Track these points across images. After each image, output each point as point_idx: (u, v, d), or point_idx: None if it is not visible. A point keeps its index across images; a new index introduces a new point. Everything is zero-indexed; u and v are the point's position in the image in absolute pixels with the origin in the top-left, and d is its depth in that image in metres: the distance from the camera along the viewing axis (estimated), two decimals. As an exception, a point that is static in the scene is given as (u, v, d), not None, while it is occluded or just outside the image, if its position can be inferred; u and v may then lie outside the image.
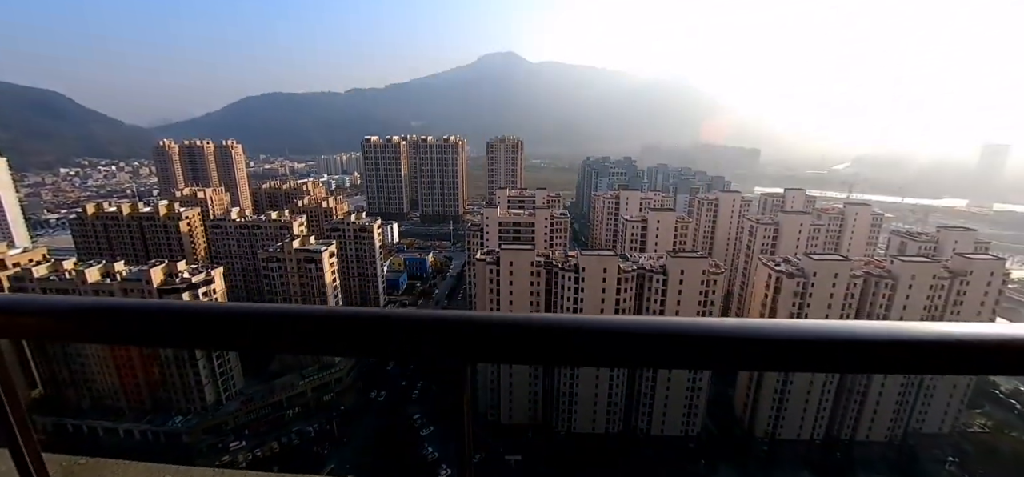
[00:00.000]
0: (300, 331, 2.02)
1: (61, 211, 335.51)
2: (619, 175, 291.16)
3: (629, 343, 1.63)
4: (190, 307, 2.09)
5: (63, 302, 2.18)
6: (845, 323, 1.56)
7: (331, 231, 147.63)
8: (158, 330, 2.11)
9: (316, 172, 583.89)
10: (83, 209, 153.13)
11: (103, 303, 2.14)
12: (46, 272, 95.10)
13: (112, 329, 2.15)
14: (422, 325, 1.93)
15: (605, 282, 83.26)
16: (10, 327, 2.18)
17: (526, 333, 1.81)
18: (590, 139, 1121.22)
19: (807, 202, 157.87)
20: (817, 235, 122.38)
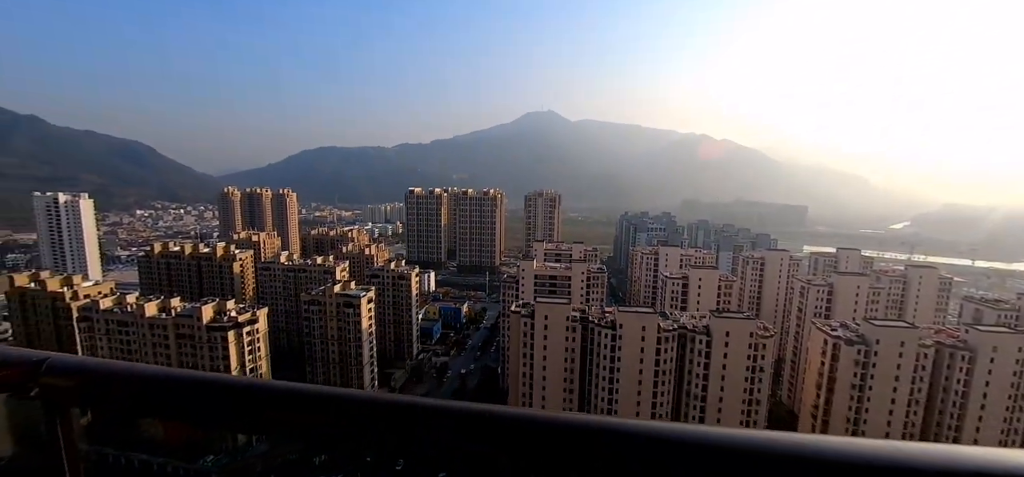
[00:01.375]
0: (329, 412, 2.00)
1: (132, 248, 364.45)
2: (658, 230, 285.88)
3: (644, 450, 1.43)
4: (198, 379, 2.14)
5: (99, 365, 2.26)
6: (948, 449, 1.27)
7: (371, 277, 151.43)
8: (176, 403, 2.17)
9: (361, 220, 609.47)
10: (151, 247, 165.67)
11: (147, 371, 2.20)
12: (111, 304, 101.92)
13: (147, 398, 2.22)
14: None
15: (644, 341, 79.65)
16: None
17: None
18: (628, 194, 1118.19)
19: (863, 263, 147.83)
20: (877, 299, 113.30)
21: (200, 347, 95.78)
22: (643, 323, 79.98)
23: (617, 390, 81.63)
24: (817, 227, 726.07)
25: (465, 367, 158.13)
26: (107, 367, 2.33)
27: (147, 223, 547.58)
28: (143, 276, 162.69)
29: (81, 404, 2.32)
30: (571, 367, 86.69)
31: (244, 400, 2.12)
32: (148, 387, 2.22)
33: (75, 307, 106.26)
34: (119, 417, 2.41)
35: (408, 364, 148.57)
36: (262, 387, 2.26)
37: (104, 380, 2.26)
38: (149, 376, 2.24)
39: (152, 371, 2.30)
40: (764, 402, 79.73)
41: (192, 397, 2.12)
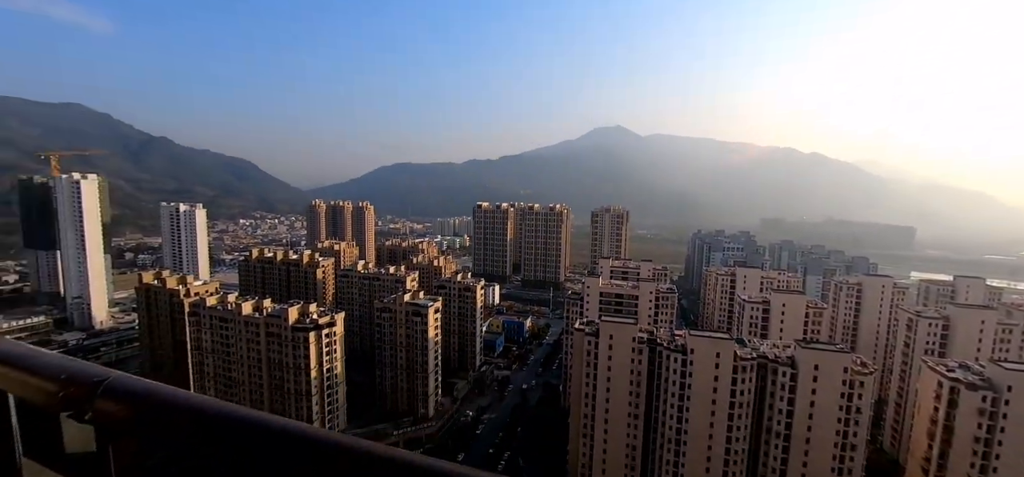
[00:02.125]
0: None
1: (235, 253, 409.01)
2: (735, 251, 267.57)
3: None
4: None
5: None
6: None
7: (439, 288, 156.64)
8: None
9: (431, 233, 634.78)
10: (249, 253, 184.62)
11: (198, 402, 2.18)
12: (215, 302, 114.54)
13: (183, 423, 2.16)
14: None
15: (718, 369, 74.10)
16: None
17: None
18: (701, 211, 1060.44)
19: (989, 294, 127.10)
20: (1007, 338, 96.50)
21: (285, 345, 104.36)
22: (717, 349, 74.55)
23: (687, 420, 76.51)
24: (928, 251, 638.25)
25: (527, 382, 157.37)
26: (167, 396, 2.22)
27: (247, 231, 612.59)
28: (242, 278, 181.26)
29: (134, 433, 2.21)
30: (637, 391, 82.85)
31: (305, 450, 2.05)
32: (205, 422, 2.11)
33: (187, 303, 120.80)
34: (173, 453, 2.22)
35: (470, 375, 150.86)
36: (324, 440, 2.17)
37: (161, 410, 2.13)
38: (209, 412, 2.13)
39: (213, 406, 2.18)
40: (861, 448, 70.49)
41: (250, 441, 2.06)
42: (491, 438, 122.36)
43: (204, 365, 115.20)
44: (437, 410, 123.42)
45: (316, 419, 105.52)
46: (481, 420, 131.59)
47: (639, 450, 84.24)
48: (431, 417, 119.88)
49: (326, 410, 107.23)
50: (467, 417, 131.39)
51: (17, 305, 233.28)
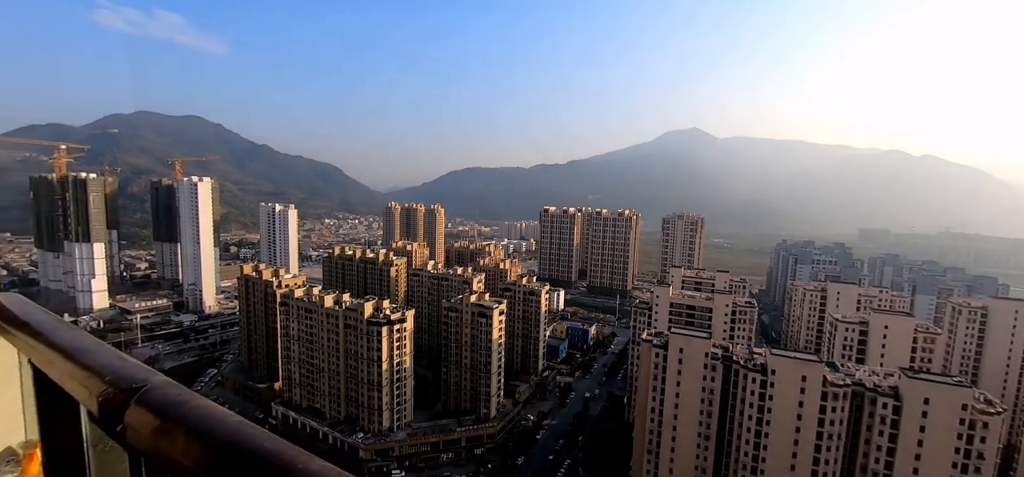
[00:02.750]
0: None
1: (319, 250, 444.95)
2: (826, 264, 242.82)
3: None
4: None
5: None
6: None
7: (504, 291, 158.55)
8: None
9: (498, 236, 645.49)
10: (332, 250, 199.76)
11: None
12: (302, 294, 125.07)
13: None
14: None
15: (804, 394, 67.32)
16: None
17: None
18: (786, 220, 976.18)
19: None
20: None
21: (360, 337, 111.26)
22: (804, 372, 67.76)
23: (766, 447, 70.33)
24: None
25: (590, 391, 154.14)
26: (202, 413, 2.03)
27: (331, 230, 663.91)
28: (325, 273, 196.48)
29: (158, 454, 2.01)
30: (709, 411, 77.73)
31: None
32: (230, 446, 1.92)
33: (279, 293, 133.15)
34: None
35: (533, 379, 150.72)
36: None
37: (190, 426, 1.96)
38: (238, 437, 1.94)
39: (243, 432, 1.98)
40: (984, 500, 60.31)
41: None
42: (552, 445, 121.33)
43: (291, 350, 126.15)
44: (498, 411, 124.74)
45: (385, 409, 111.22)
46: (542, 425, 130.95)
47: (709, 473, 78.94)
48: (492, 417, 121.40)
49: (395, 401, 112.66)
50: (528, 421, 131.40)
51: (146, 288, 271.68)
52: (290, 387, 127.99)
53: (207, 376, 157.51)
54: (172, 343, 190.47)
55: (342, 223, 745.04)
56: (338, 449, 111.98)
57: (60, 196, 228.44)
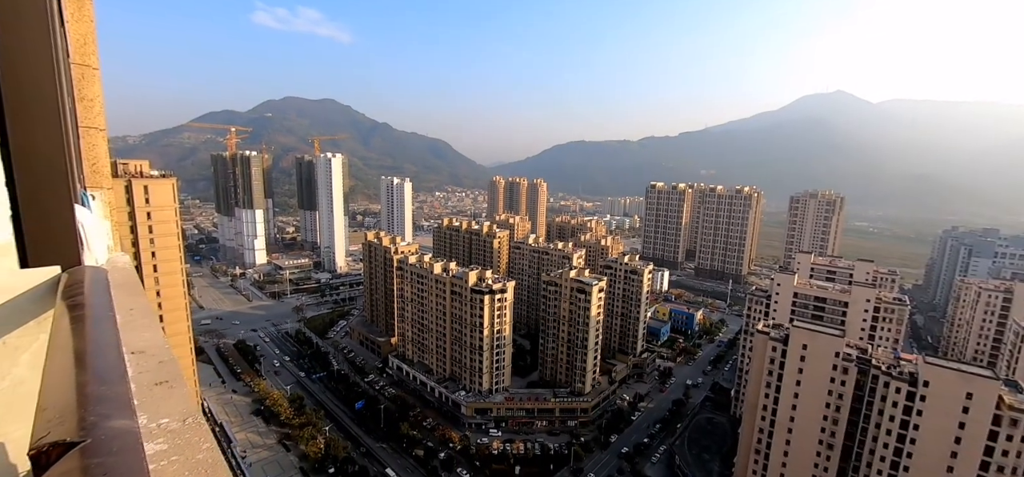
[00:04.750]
0: None
1: (430, 220, 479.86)
2: (1017, 258, 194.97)
3: None
4: None
5: None
6: None
7: (605, 268, 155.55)
8: None
9: (601, 211, 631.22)
10: (441, 221, 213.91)
11: None
12: (415, 261, 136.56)
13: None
14: None
15: (966, 414, 55.75)
16: None
17: None
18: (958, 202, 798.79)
19: None
20: None
21: (465, 303, 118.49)
22: (970, 388, 55.95)
23: (907, 469, 60.18)
24: None
25: (692, 378, 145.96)
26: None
27: (441, 202, 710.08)
28: (435, 241, 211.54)
29: None
30: (835, 417, 68.63)
31: None
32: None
33: (395, 259, 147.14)
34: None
35: (630, 360, 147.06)
36: None
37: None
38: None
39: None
40: None
41: None
42: (646, 428, 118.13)
43: (405, 311, 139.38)
44: (593, 387, 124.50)
45: (485, 372, 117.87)
46: (638, 407, 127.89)
47: (834, 473, 70.28)
48: (587, 393, 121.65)
49: (494, 365, 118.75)
50: (623, 401, 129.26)
51: (293, 249, 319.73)
52: (404, 343, 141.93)
53: (338, 326, 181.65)
54: (312, 296, 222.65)
55: (450, 196, 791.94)
56: (443, 403, 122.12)
57: (231, 170, 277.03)
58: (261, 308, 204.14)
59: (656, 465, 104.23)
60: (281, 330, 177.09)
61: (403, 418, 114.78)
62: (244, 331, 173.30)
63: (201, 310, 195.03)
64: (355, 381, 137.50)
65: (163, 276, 78.15)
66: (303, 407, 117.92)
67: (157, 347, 2.27)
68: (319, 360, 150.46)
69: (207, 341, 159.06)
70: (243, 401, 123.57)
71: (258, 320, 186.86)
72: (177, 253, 79.88)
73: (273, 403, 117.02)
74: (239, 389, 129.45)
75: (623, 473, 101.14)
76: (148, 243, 76.68)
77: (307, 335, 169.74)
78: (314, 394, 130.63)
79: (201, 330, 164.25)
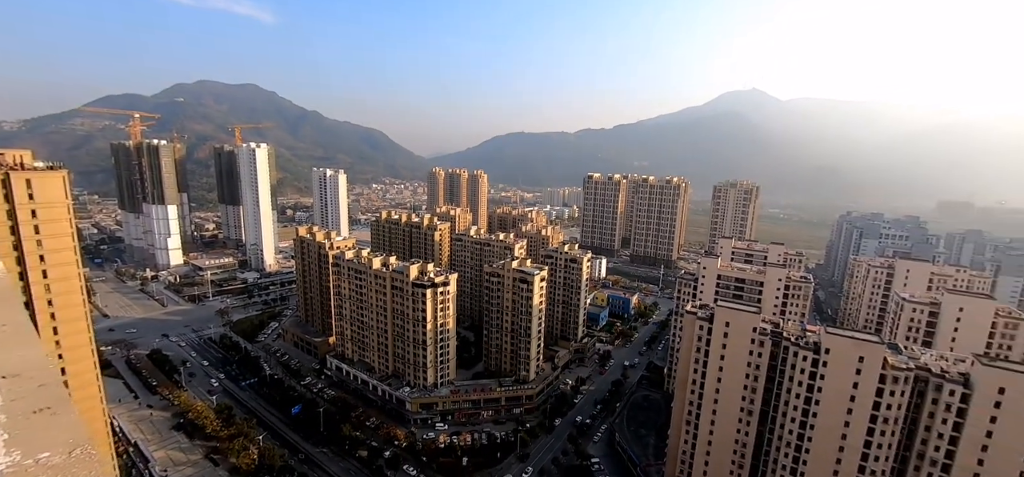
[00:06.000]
0: None
1: (367, 214, 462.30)
2: (897, 238, 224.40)
3: None
4: None
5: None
6: None
7: (545, 257, 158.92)
8: None
9: (541, 202, 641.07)
10: (379, 215, 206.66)
11: None
12: (352, 256, 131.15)
13: None
14: None
15: (859, 375, 63.77)
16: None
17: None
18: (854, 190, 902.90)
19: None
20: None
21: (406, 298, 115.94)
22: (861, 352, 63.97)
23: (812, 427, 67.83)
24: None
25: (629, 359, 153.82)
26: None
27: (379, 194, 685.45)
28: (373, 236, 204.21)
29: None
30: (753, 387, 75.56)
31: None
32: None
33: (331, 255, 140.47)
34: None
35: (572, 345, 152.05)
36: None
37: None
38: None
39: None
40: (1062, 499, 55.57)
41: None
42: (588, 409, 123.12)
43: (342, 308, 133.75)
44: (537, 374, 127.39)
45: (430, 366, 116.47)
46: (580, 390, 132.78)
47: (750, 448, 77.53)
48: (531, 380, 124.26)
49: (438, 359, 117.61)
50: (566, 385, 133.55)
51: (214, 247, 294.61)
52: (343, 342, 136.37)
53: (269, 329, 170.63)
54: (238, 298, 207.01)
55: (388, 188, 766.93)
56: (387, 400, 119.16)
57: (137, 161, 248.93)
58: (178, 313, 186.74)
59: (598, 443, 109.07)
60: (203, 336, 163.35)
61: (344, 420, 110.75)
62: (159, 340, 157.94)
63: (105, 319, 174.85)
64: (290, 385, 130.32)
65: (55, 283, 68.78)
66: (232, 417, 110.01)
67: (36, 368, 1.88)
68: (249, 366, 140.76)
69: (115, 353, 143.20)
70: (162, 416, 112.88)
71: (175, 326, 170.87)
72: (72, 256, 70.56)
73: (197, 415, 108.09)
74: (156, 404, 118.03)
75: (567, 454, 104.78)
76: (34, 246, 67.03)
77: (234, 340, 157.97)
78: (244, 402, 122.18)
79: (106, 341, 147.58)
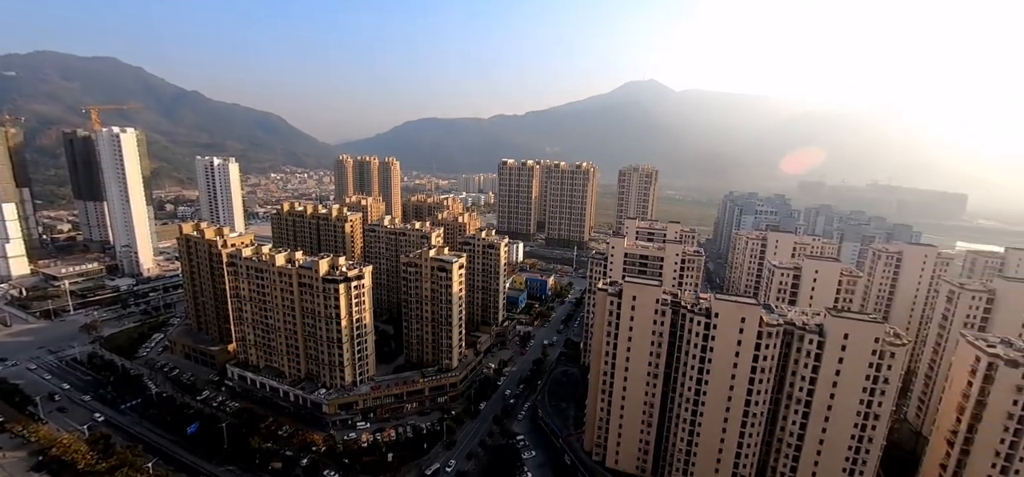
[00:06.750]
0: None
1: (267, 206, 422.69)
2: (768, 214, 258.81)
3: None
4: None
5: None
6: None
7: (463, 244, 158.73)
8: None
9: (456, 189, 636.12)
10: (281, 206, 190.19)
11: None
12: (250, 253, 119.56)
13: None
14: None
15: (742, 334, 73.38)
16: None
17: None
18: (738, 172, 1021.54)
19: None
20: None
21: (317, 295, 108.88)
22: (743, 314, 73.55)
23: (706, 382, 76.88)
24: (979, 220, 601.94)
25: (548, 338, 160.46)
26: None
27: (279, 185, 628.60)
28: (275, 230, 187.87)
29: None
30: (658, 352, 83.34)
31: None
32: None
33: (225, 254, 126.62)
34: None
35: (493, 329, 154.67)
36: None
37: None
38: None
39: None
40: (885, 418, 69.49)
41: None
42: (512, 390, 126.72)
43: (243, 311, 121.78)
44: (460, 361, 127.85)
45: (347, 365, 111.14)
46: (503, 372, 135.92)
47: (656, 408, 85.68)
48: (455, 367, 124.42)
49: (356, 357, 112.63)
50: (489, 369, 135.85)
51: (72, 252, 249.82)
52: (245, 348, 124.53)
53: (152, 341, 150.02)
54: (109, 309, 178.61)
55: (290, 177, 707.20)
56: (301, 405, 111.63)
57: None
58: (28, 333, 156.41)
59: (522, 421, 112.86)
60: (64, 357, 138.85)
61: (253, 432, 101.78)
62: (1, 367, 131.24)
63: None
64: (185, 402, 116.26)
65: None
66: (111, 447, 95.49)
67: None
68: (128, 386, 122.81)
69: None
70: (16, 457, 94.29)
71: (24, 349, 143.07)
72: None
73: (64, 450, 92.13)
74: (6, 443, 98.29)
75: (493, 435, 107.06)
76: None
77: (106, 358, 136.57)
78: (126, 428, 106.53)
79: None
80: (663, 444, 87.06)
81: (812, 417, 73.43)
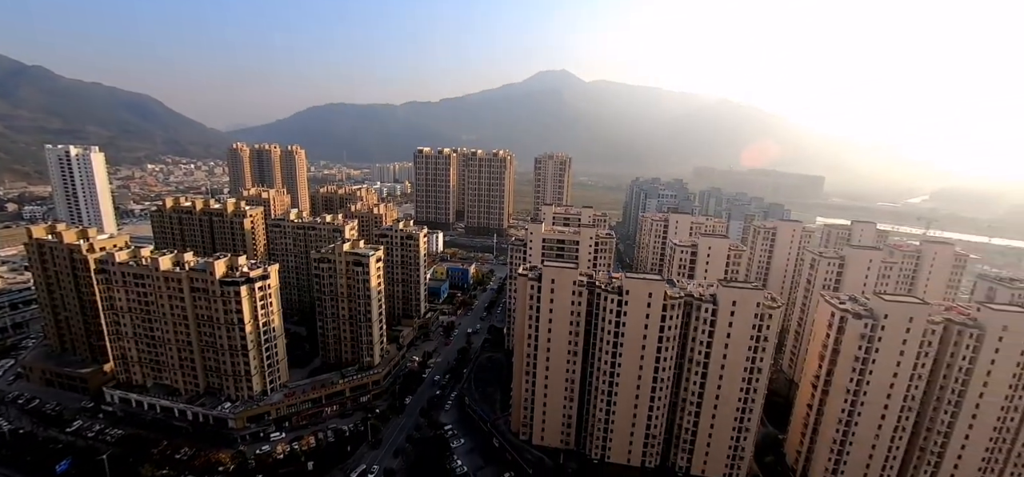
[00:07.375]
0: None
1: (145, 203, 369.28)
2: (669, 197, 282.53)
3: None
4: None
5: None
6: None
7: (380, 237, 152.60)
8: None
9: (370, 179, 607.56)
10: (163, 202, 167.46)
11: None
12: (126, 257, 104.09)
13: None
14: None
15: (650, 307, 79.98)
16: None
17: None
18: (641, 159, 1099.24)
19: (878, 236, 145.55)
20: (888, 274, 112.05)
21: (214, 300, 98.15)
22: (650, 290, 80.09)
23: (620, 354, 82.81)
24: (833, 198, 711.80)
25: (472, 327, 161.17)
26: None
27: (158, 178, 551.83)
28: (156, 230, 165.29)
29: None
30: (577, 331, 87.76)
31: None
32: None
33: (92, 260, 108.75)
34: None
35: (416, 322, 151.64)
36: None
37: None
38: None
39: None
40: (765, 371, 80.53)
41: None
42: (438, 381, 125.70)
43: (120, 325, 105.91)
44: (383, 357, 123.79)
45: (255, 373, 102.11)
46: (428, 365, 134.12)
47: (577, 383, 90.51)
48: (377, 364, 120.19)
49: (265, 363, 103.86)
50: (414, 362, 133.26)
51: None
52: (127, 367, 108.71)
53: (0, 370, 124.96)
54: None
55: (172, 168, 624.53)
56: (202, 423, 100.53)
57: None
58: None
59: (449, 411, 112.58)
60: None
61: (142, 460, 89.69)
62: None
63: None
64: (50, 436, 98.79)
65: None
66: (-58, 499, 78.42)
67: None
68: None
69: None
70: None
71: None
72: None
73: None
74: None
75: (421, 428, 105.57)
76: None
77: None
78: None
79: None
80: (584, 416, 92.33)
81: (709, 376, 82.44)
